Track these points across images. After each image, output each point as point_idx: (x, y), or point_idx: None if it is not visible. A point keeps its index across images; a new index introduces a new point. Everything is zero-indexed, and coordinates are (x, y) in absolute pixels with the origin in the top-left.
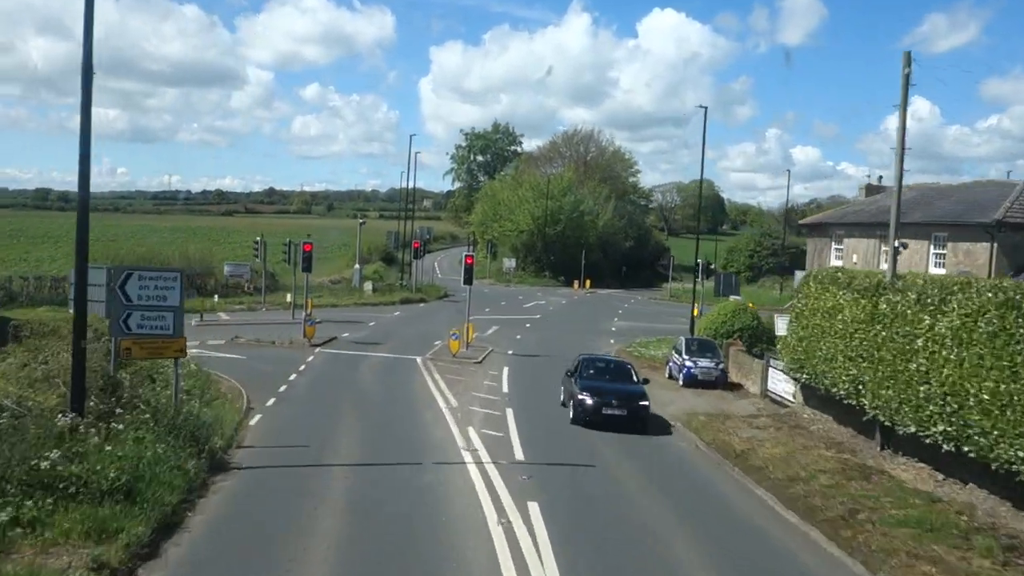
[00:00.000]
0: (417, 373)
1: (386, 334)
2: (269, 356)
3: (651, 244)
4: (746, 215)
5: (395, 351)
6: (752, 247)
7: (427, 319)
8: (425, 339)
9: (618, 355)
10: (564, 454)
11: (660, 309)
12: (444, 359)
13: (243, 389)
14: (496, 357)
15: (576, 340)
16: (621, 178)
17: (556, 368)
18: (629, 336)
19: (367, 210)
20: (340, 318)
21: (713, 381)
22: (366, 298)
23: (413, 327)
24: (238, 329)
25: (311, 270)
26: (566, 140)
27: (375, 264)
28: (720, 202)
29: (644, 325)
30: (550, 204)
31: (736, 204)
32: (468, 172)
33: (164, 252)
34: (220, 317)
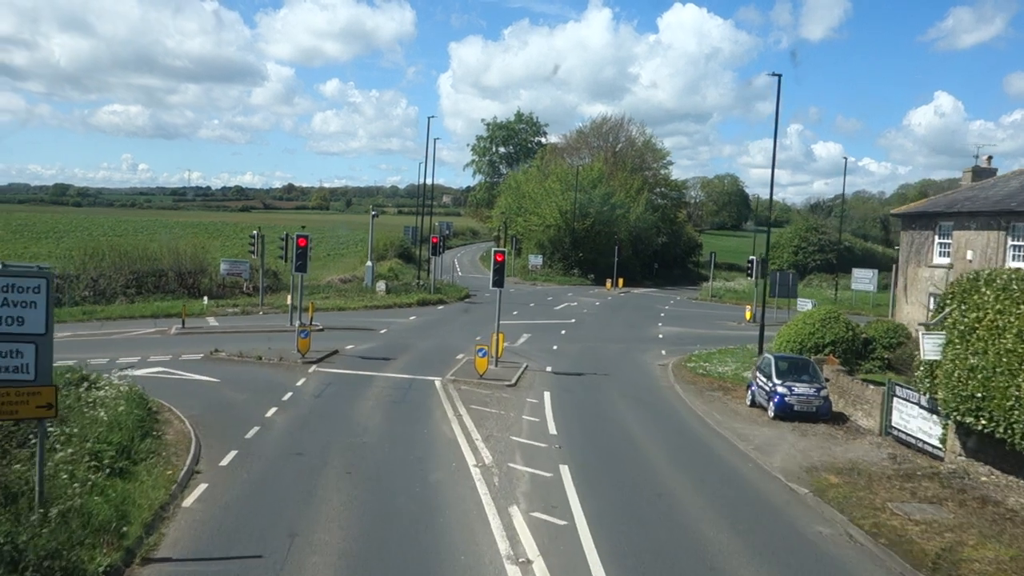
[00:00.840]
0: (436, 404)
1: (399, 345)
2: (249, 378)
3: (683, 240)
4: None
5: (409, 369)
6: (797, 242)
7: (447, 325)
8: (445, 352)
9: (676, 369)
10: (666, 562)
11: (706, 312)
12: (469, 380)
13: (194, 435)
14: (533, 377)
15: (622, 351)
16: (652, 170)
17: (608, 391)
18: (680, 344)
19: (385, 206)
20: (347, 324)
21: (814, 412)
22: (378, 300)
23: (431, 336)
24: (224, 339)
25: (306, 269)
26: (594, 129)
27: (391, 261)
28: (745, 198)
29: (694, 331)
30: (579, 196)
31: (761, 200)
32: (490, 164)
33: (151, 248)
34: (207, 323)
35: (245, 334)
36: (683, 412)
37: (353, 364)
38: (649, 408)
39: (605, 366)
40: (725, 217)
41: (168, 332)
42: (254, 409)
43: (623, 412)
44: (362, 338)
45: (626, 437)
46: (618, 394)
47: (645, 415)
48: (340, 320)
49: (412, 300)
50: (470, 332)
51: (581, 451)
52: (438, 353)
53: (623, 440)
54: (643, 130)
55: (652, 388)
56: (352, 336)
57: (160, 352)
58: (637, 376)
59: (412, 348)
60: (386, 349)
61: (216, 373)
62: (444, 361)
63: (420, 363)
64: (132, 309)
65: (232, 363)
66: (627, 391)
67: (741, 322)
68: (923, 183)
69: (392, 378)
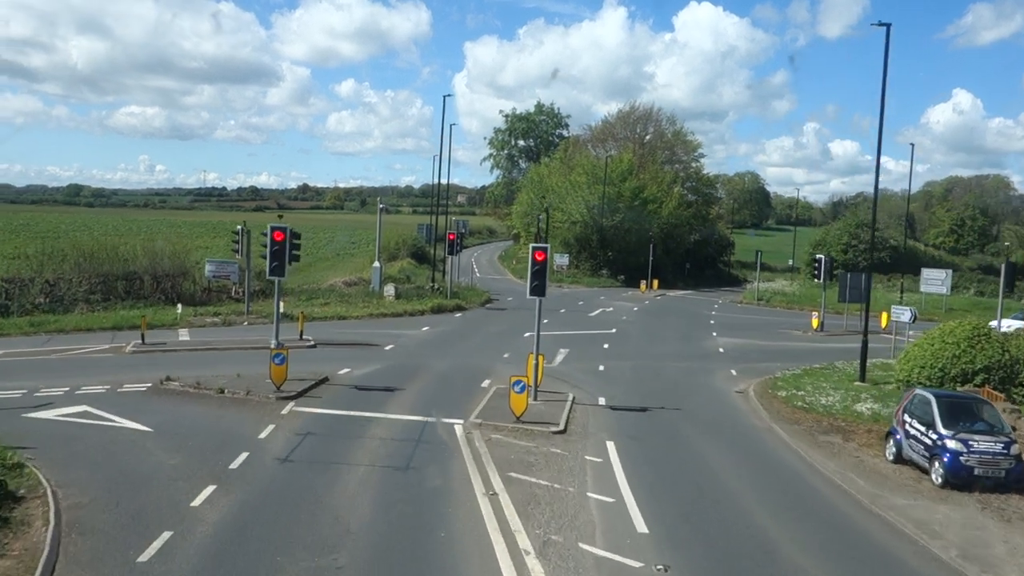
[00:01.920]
0: (457, 472)
1: (408, 368)
2: (196, 425)
3: (715, 238)
4: (792, 209)
5: (420, 406)
6: (846, 240)
7: (468, 338)
8: (467, 377)
9: (762, 398)
10: None
11: (760, 318)
12: (502, 427)
13: (50, 553)
14: (584, 415)
15: (683, 372)
16: (683, 163)
17: (691, 438)
18: (747, 361)
19: (400, 205)
20: (345, 337)
21: (1003, 478)
22: (386, 306)
23: (449, 353)
24: (189, 359)
25: (283, 272)
26: (621, 119)
27: (402, 261)
28: (766, 196)
29: (756, 343)
30: (607, 190)
31: (782, 198)
32: (508, 159)
33: (123, 248)
34: (177, 337)
35: (218, 352)
36: (807, 475)
37: (345, 399)
38: (759, 469)
39: (670, 394)
40: (746, 215)
41: (123, 350)
42: (180, 491)
43: (728, 478)
44: (362, 357)
45: (752, 534)
46: (706, 442)
47: (759, 482)
48: (339, 332)
49: (425, 307)
50: (496, 347)
51: (700, 570)
52: (458, 379)
53: (750, 540)
54: (673, 120)
55: (745, 431)
56: (350, 355)
57: (98, 379)
58: (717, 410)
59: (425, 371)
60: (391, 374)
61: (155, 416)
62: (467, 391)
63: (435, 395)
64: (91, 320)
65: (183, 398)
66: (715, 437)
67: (807, 331)
68: (949, 180)
69: (396, 423)
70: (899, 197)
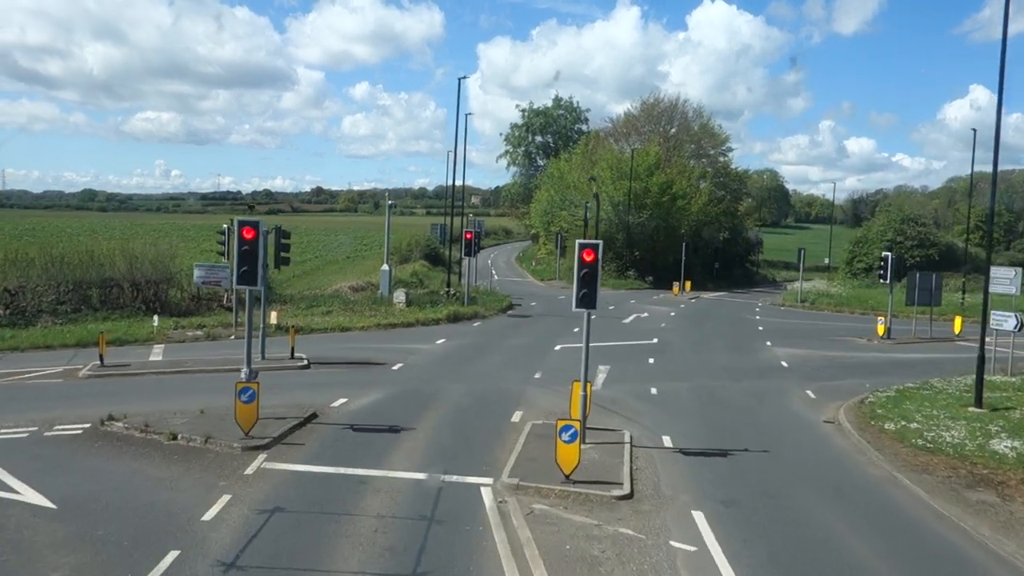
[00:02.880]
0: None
1: (419, 396)
2: (119, 497)
3: (743, 236)
4: (811, 207)
5: (432, 456)
6: (891, 236)
7: (490, 352)
8: (493, 408)
9: (863, 431)
10: None
11: (810, 323)
12: (547, 490)
13: None
14: (651, 465)
15: (751, 394)
16: (710, 157)
17: (802, 502)
18: (819, 378)
19: (414, 208)
20: (347, 354)
21: None
22: (396, 315)
23: (469, 373)
24: (152, 386)
25: (255, 280)
26: (645, 111)
27: (415, 264)
28: (785, 193)
29: (819, 353)
30: (634, 186)
31: (801, 195)
32: (525, 156)
33: (100, 251)
34: (148, 355)
35: (190, 376)
36: (987, 564)
37: (335, 447)
38: (916, 555)
39: (748, 428)
40: (765, 214)
41: (78, 374)
42: None
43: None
44: (364, 381)
45: None
46: (824, 509)
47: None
48: (339, 348)
49: (440, 315)
50: (524, 365)
51: None
52: (482, 410)
53: None
54: (700, 113)
55: (865, 486)
56: (349, 378)
57: (28, 417)
58: (814, 451)
59: (440, 400)
60: (398, 405)
61: (71, 480)
62: (494, 429)
63: (453, 436)
64: (52, 335)
65: (122, 448)
66: (831, 497)
67: (872, 338)
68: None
69: (401, 485)
70: (920, 194)
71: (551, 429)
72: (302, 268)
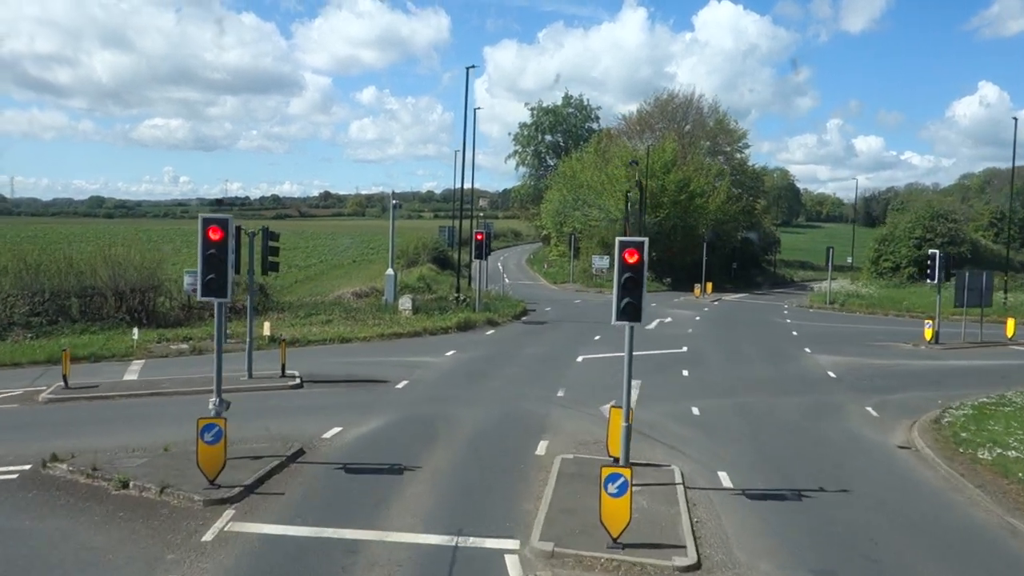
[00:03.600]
0: None
1: (426, 422)
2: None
3: (761, 235)
4: (822, 206)
5: (442, 509)
6: (920, 233)
7: (505, 365)
8: (513, 440)
9: (951, 461)
10: None
11: (846, 326)
12: (589, 558)
13: None
14: (714, 516)
15: (805, 411)
16: (726, 153)
17: (915, 562)
18: (874, 391)
19: (422, 211)
20: (346, 370)
21: None
22: (402, 323)
23: (483, 394)
24: (123, 410)
25: (225, 292)
26: (659, 108)
27: (422, 267)
28: (796, 192)
29: (865, 361)
30: (650, 184)
31: (811, 194)
32: (535, 155)
33: (78, 260)
34: (124, 373)
35: (164, 399)
36: None
37: (322, 497)
38: None
39: (814, 457)
40: (776, 213)
41: (38, 397)
42: None
43: None
44: (363, 404)
45: None
46: None
47: None
48: (338, 361)
49: (449, 323)
50: (544, 379)
51: None
52: (500, 441)
53: None
54: (715, 108)
55: (977, 536)
56: (346, 400)
57: None
58: (900, 487)
59: (451, 428)
60: (401, 435)
61: None
62: (516, 467)
63: (467, 480)
64: (21, 351)
65: (58, 500)
66: (945, 556)
67: (918, 343)
68: (987, 172)
69: (402, 551)
70: (931, 191)
71: (585, 465)
72: (306, 273)
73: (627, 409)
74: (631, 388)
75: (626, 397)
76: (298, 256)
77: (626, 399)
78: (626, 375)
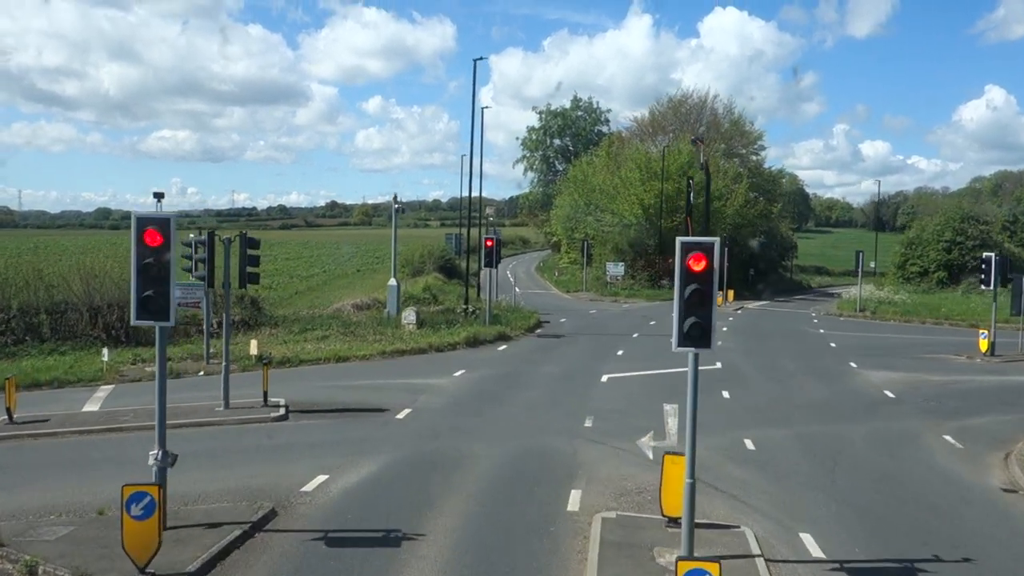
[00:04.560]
0: None
1: (432, 467)
2: None
3: (778, 240)
4: (832, 210)
5: None
6: (949, 236)
7: (521, 388)
8: (540, 490)
9: None
10: None
11: (886, 336)
12: None
13: None
14: None
15: (873, 439)
16: (741, 156)
17: None
18: (945, 414)
19: (429, 219)
20: (340, 395)
21: None
22: (405, 339)
23: (497, 426)
24: (71, 452)
25: (168, 316)
26: (672, 109)
27: (428, 276)
28: (805, 197)
29: (923, 377)
30: (666, 187)
31: (820, 199)
32: (543, 160)
33: (48, 274)
34: (84, 403)
35: (125, 437)
36: None
37: None
38: None
39: (906, 508)
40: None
41: None
42: None
43: None
44: (356, 440)
45: None
46: None
47: None
48: (332, 385)
49: (458, 337)
50: (568, 406)
51: None
52: (522, 493)
53: None
54: (731, 108)
55: None
56: (338, 436)
57: None
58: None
59: (459, 474)
60: (398, 486)
61: None
62: (544, 531)
63: (484, 552)
64: None
65: None
66: None
67: (973, 355)
68: (999, 175)
69: None
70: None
71: (633, 529)
72: (307, 284)
73: (692, 463)
74: (693, 433)
75: (690, 448)
76: (300, 266)
77: (690, 450)
78: (689, 416)
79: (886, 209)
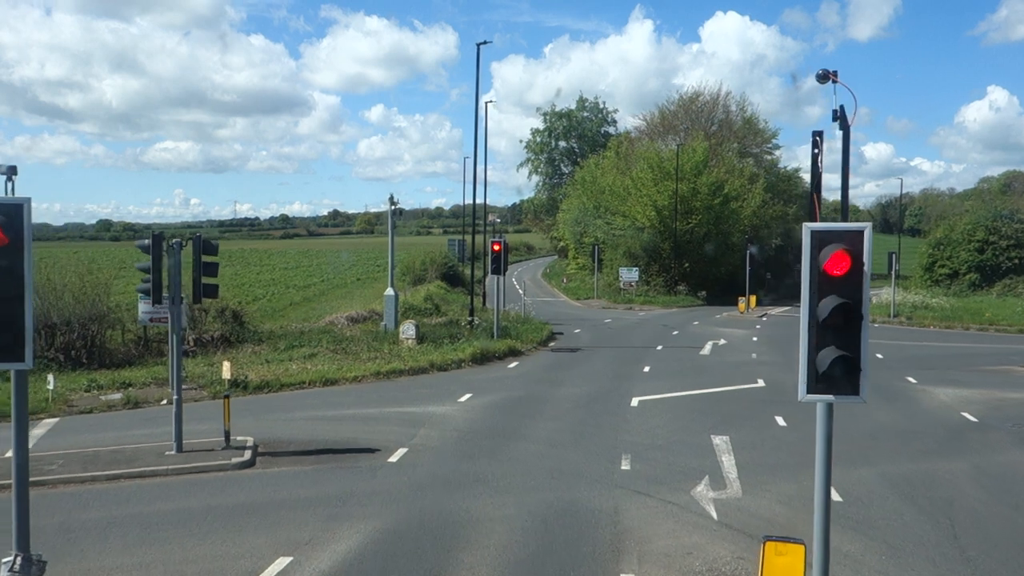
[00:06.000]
0: None
1: (432, 535)
2: None
3: (794, 242)
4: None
5: None
6: (981, 236)
7: (539, 417)
8: (570, 568)
9: None
10: None
11: (934, 344)
12: None
13: None
14: None
15: (975, 481)
16: (755, 155)
17: None
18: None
19: (431, 227)
20: (322, 430)
21: None
22: (404, 356)
23: (514, 472)
24: None
25: (19, 353)
26: (682, 107)
27: (430, 284)
28: None
29: (999, 395)
30: (681, 187)
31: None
32: (548, 163)
33: None
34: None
35: (45, 492)
36: None
37: None
38: None
39: None
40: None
41: None
42: None
43: None
44: (336, 497)
45: None
46: None
47: None
48: (315, 416)
49: (463, 354)
50: (598, 440)
51: None
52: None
53: None
54: (744, 106)
55: None
56: (313, 488)
57: None
58: None
59: (469, 552)
60: (391, 570)
61: None
62: None
63: None
64: None
65: None
66: None
67: None
68: (1007, 175)
69: None
70: (947, 196)
71: None
72: (304, 294)
73: (826, 559)
74: (828, 529)
75: (822, 562)
76: (299, 276)
77: (824, 552)
78: (818, 514)
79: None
